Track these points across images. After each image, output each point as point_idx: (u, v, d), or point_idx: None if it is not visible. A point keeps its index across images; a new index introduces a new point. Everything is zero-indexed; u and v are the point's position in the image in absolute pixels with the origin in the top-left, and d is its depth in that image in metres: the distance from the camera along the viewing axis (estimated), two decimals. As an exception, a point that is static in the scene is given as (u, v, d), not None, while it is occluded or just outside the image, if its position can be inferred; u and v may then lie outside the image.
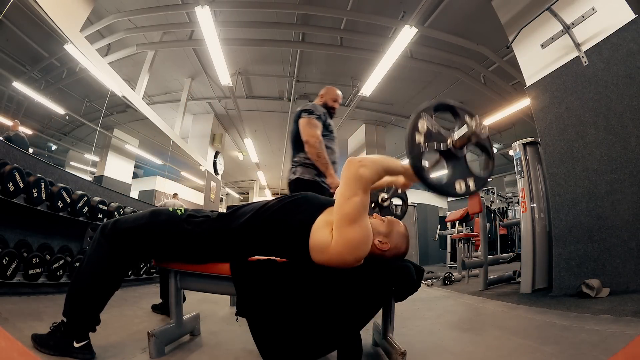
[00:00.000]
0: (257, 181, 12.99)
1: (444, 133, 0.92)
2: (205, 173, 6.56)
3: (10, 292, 1.74)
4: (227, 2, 3.85)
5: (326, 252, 0.92)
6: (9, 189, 1.73)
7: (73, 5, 2.76)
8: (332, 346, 0.97)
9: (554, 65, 2.49)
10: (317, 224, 0.95)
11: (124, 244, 1.03)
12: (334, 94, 2.17)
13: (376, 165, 0.92)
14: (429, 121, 0.89)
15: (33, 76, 3.81)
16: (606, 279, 1.99)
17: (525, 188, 2.67)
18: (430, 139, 0.89)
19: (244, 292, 1.00)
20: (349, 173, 0.91)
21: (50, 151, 4.76)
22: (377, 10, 3.87)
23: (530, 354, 1.19)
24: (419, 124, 0.88)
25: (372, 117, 6.79)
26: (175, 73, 5.61)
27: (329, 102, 2.14)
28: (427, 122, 0.88)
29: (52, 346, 0.96)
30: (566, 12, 2.42)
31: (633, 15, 2.03)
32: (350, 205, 0.89)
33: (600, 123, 2.14)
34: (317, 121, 1.97)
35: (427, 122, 0.88)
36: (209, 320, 1.67)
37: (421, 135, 0.87)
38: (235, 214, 1.06)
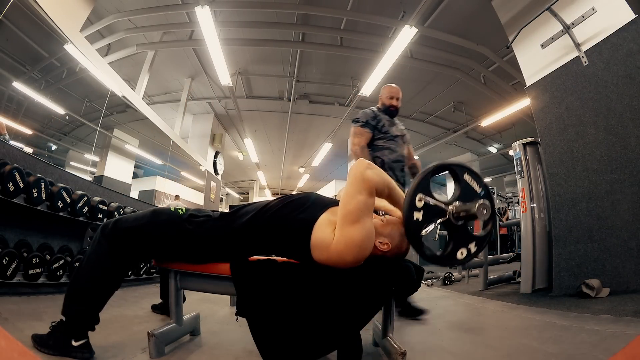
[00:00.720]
0: (257, 181, 13.00)
1: (443, 205, 0.90)
2: (205, 173, 6.56)
3: (10, 292, 1.74)
4: (227, 2, 3.85)
5: (326, 251, 0.92)
6: (9, 189, 1.73)
7: (73, 5, 2.76)
8: (332, 346, 0.97)
9: (554, 65, 2.49)
10: (320, 223, 0.95)
11: (124, 243, 1.03)
12: (387, 92, 2.16)
13: (383, 177, 0.93)
14: (428, 196, 0.88)
15: (33, 76, 3.81)
16: (606, 279, 1.99)
17: (525, 188, 2.67)
18: (430, 211, 0.87)
19: (244, 292, 1.00)
20: (356, 172, 0.92)
21: (50, 151, 4.76)
22: (377, 10, 3.87)
23: (530, 354, 1.19)
24: (417, 200, 0.86)
25: (372, 117, 6.78)
26: (175, 73, 5.61)
27: (385, 102, 2.15)
28: (425, 198, 0.87)
29: (51, 345, 0.96)
30: (566, 12, 2.42)
31: (633, 15, 2.03)
32: (354, 203, 0.89)
33: (600, 123, 2.14)
34: (362, 128, 2.07)
35: (425, 198, 0.87)
36: (209, 320, 1.67)
37: (420, 212, 0.86)
38: (237, 213, 1.07)
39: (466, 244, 0.92)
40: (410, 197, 0.87)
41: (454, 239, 0.92)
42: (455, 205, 0.91)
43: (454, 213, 0.90)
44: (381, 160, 2.02)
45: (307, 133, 7.96)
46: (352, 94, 5.64)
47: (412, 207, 0.86)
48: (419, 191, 0.87)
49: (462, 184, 0.94)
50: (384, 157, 2.02)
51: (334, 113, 6.54)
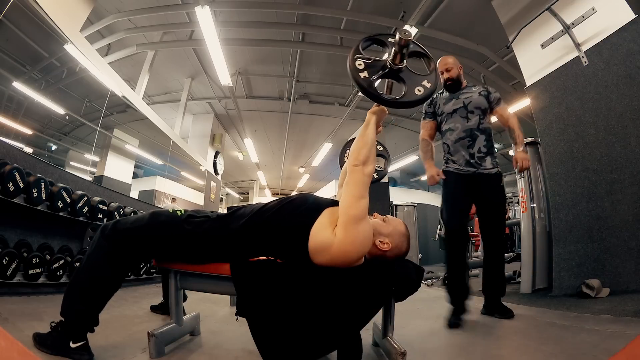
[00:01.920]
0: (257, 181, 12.99)
1: (381, 59, 1.02)
2: (205, 173, 6.56)
3: (10, 292, 1.74)
4: (227, 2, 3.85)
5: (328, 252, 0.92)
6: (9, 189, 1.72)
7: (73, 5, 2.76)
8: (332, 346, 0.97)
9: (554, 65, 2.49)
10: (317, 226, 0.95)
11: (124, 244, 1.03)
12: (439, 65, 1.92)
13: (372, 151, 1.02)
14: (364, 58, 1.00)
15: (33, 76, 3.81)
16: (606, 279, 1.99)
17: (525, 188, 2.67)
18: (372, 68, 0.99)
19: (244, 292, 1.00)
20: (359, 176, 0.97)
21: (50, 151, 4.76)
22: (377, 10, 3.87)
23: (530, 354, 1.19)
24: (357, 64, 0.98)
25: (372, 117, 6.78)
26: (175, 73, 5.61)
27: (441, 78, 1.93)
28: (363, 60, 0.99)
29: (49, 345, 0.96)
30: (566, 12, 2.42)
31: (633, 15, 2.04)
32: (360, 206, 0.94)
33: (600, 123, 2.14)
34: (423, 121, 2.01)
35: (363, 60, 0.99)
36: (209, 320, 1.67)
37: (364, 71, 0.98)
38: (235, 214, 1.07)
39: (420, 81, 1.03)
40: (350, 65, 0.98)
41: (405, 80, 1.03)
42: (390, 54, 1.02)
43: (390, 58, 1.01)
44: (447, 145, 1.89)
45: (307, 133, 7.96)
46: (352, 94, 5.64)
47: (356, 70, 0.97)
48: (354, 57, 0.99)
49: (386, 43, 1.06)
50: (447, 141, 1.88)
51: (334, 113, 6.54)
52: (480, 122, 1.81)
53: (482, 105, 1.82)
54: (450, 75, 1.89)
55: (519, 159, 1.73)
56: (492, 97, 1.87)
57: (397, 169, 9.21)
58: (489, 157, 1.82)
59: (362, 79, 0.97)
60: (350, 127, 7.09)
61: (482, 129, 1.82)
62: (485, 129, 1.82)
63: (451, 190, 1.85)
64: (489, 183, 1.80)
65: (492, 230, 1.81)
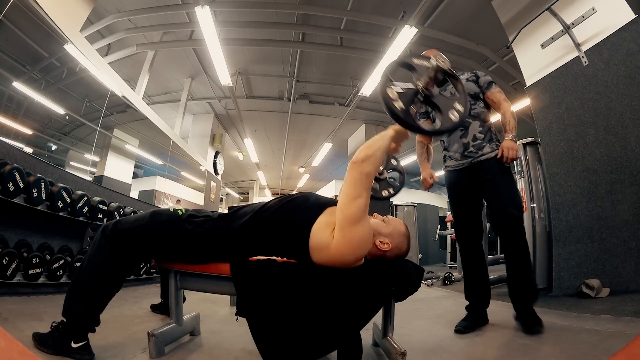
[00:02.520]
0: (257, 181, 12.99)
1: (412, 85, 1.00)
2: (205, 173, 6.56)
3: (10, 292, 1.74)
4: (227, 2, 3.85)
5: (326, 252, 0.92)
6: (9, 189, 1.73)
7: (73, 5, 2.76)
8: (332, 346, 0.97)
9: (554, 65, 2.49)
10: (318, 225, 0.95)
11: (125, 244, 1.03)
12: None
13: (375, 155, 0.96)
14: (397, 87, 0.96)
15: (33, 76, 3.81)
16: (606, 279, 1.99)
17: (525, 188, 2.67)
18: (406, 96, 0.96)
19: (244, 292, 1.00)
20: (355, 173, 0.93)
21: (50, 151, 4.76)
22: (377, 10, 3.87)
23: (530, 354, 1.19)
24: (390, 94, 0.94)
25: (372, 117, 6.79)
26: (175, 73, 5.61)
27: None
28: (395, 89, 0.95)
29: (50, 345, 0.96)
30: (566, 12, 2.42)
31: (633, 15, 2.03)
32: (355, 206, 0.90)
33: (600, 123, 2.14)
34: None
35: (395, 89, 0.95)
36: (209, 320, 1.67)
37: (398, 101, 0.94)
38: (236, 214, 1.07)
39: (451, 104, 1.00)
40: (383, 95, 0.94)
41: (439, 106, 1.00)
42: (423, 79, 1.00)
43: (424, 84, 0.98)
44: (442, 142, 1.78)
45: (307, 133, 7.96)
46: (352, 94, 5.64)
47: (390, 101, 0.94)
48: (386, 87, 0.95)
49: (417, 68, 1.03)
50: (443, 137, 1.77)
51: (334, 113, 6.54)
52: (471, 108, 1.67)
53: (470, 90, 1.70)
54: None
55: (505, 148, 1.52)
56: (481, 81, 1.74)
57: (397, 169, 9.18)
58: (488, 143, 1.64)
59: (399, 110, 0.93)
60: (350, 127, 7.09)
61: (474, 114, 1.67)
62: (478, 114, 1.67)
63: (451, 194, 1.75)
64: (490, 169, 1.59)
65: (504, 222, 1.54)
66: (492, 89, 1.72)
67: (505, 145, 1.53)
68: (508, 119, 1.61)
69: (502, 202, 1.54)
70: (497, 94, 1.71)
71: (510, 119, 1.61)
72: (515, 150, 1.53)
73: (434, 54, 1.79)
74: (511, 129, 1.59)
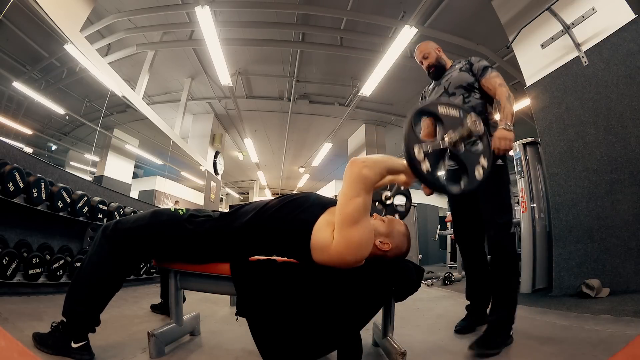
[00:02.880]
0: (257, 181, 12.99)
1: (440, 144, 0.94)
2: (205, 173, 6.56)
3: (10, 292, 1.74)
4: (227, 2, 3.85)
5: (326, 252, 0.92)
6: (9, 189, 1.73)
7: (73, 5, 2.76)
8: (332, 346, 0.97)
9: (554, 65, 2.49)
10: (319, 224, 0.95)
11: (125, 244, 1.03)
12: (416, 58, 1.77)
13: (378, 166, 0.92)
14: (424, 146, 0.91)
15: (33, 76, 3.81)
16: (606, 279, 1.99)
17: (525, 188, 2.67)
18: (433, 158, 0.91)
19: (244, 292, 1.00)
20: (352, 173, 0.91)
21: (50, 151, 4.76)
22: (377, 10, 3.87)
23: (530, 354, 1.19)
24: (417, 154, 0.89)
25: (372, 117, 6.79)
26: (175, 73, 5.61)
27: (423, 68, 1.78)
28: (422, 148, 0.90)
29: (50, 345, 0.96)
30: (566, 12, 2.42)
31: (633, 15, 2.04)
32: (353, 206, 0.89)
33: (600, 123, 2.14)
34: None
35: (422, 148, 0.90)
36: (209, 320, 1.67)
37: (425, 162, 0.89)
38: (237, 213, 1.07)
39: (477, 160, 0.96)
40: (409, 156, 0.89)
41: (465, 163, 0.95)
42: (450, 136, 0.94)
43: (452, 144, 0.93)
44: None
45: (307, 133, 7.96)
46: (352, 94, 5.64)
47: (416, 163, 0.89)
48: (412, 146, 0.90)
49: (442, 119, 0.97)
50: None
51: (334, 113, 6.54)
52: (465, 102, 1.55)
53: (463, 82, 1.57)
54: (429, 62, 1.71)
55: (496, 139, 1.34)
56: (476, 67, 1.58)
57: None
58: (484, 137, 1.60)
59: (426, 173, 0.88)
60: (350, 127, 7.09)
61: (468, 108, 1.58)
62: (473, 107, 1.53)
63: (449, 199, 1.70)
64: None
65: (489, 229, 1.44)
66: (487, 75, 1.56)
67: (497, 135, 1.35)
68: (503, 105, 1.45)
69: (487, 207, 1.45)
70: (492, 79, 1.54)
71: (506, 105, 1.44)
72: (508, 141, 1.34)
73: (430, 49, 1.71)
74: (505, 115, 1.40)
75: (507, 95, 1.46)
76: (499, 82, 1.53)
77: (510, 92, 1.48)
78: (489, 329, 1.30)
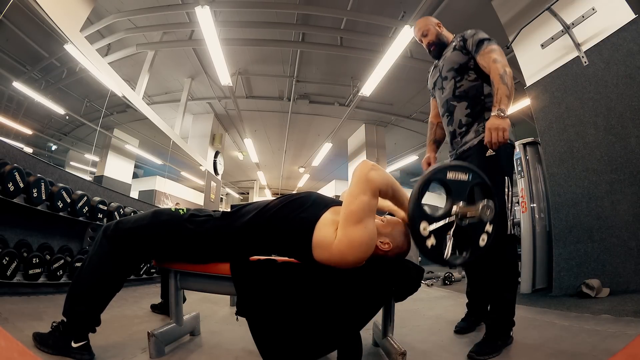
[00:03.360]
0: (257, 181, 12.99)
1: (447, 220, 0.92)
2: (205, 173, 6.56)
3: (10, 292, 1.74)
4: (227, 2, 3.85)
5: (328, 250, 0.92)
6: (9, 189, 1.73)
7: (73, 5, 2.76)
8: (332, 346, 0.97)
9: (554, 65, 2.49)
10: (322, 222, 0.95)
11: (126, 244, 1.03)
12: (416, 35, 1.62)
13: (387, 179, 0.93)
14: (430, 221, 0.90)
15: (33, 76, 3.81)
16: (606, 279, 1.99)
17: (525, 188, 2.67)
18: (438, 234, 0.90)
19: (244, 292, 1.00)
20: (360, 173, 0.92)
21: (50, 151, 4.76)
22: (377, 10, 3.87)
23: (531, 354, 1.19)
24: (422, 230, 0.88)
25: (372, 117, 6.79)
26: (175, 73, 5.61)
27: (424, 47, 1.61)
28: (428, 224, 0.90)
29: (50, 345, 0.96)
30: (566, 12, 2.42)
31: (633, 15, 2.03)
32: (358, 204, 0.89)
33: (600, 123, 2.14)
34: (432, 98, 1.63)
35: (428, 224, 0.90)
36: (209, 320, 1.67)
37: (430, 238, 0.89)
38: (239, 212, 1.07)
39: (481, 229, 0.94)
40: (414, 232, 0.89)
41: (470, 235, 0.94)
42: (460, 209, 0.92)
43: (459, 218, 0.92)
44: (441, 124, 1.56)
45: (307, 133, 7.96)
46: (352, 94, 5.64)
47: (422, 239, 0.88)
48: (418, 222, 0.88)
49: (450, 186, 0.95)
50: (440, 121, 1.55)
51: (334, 113, 6.54)
52: (457, 87, 1.38)
53: (455, 63, 1.39)
54: (429, 40, 1.54)
55: (488, 128, 1.17)
56: (469, 43, 1.37)
57: (397, 169, 9.20)
58: (474, 125, 1.34)
59: (429, 249, 0.87)
60: (350, 127, 7.08)
61: (460, 94, 1.38)
62: (464, 93, 1.37)
63: None
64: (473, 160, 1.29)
65: None
66: (482, 49, 1.32)
67: (488, 126, 1.17)
68: (496, 85, 1.22)
69: None
70: (486, 55, 1.30)
71: (499, 85, 1.20)
72: (503, 131, 1.14)
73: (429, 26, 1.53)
74: (498, 99, 1.19)
75: (502, 72, 1.23)
76: (494, 57, 1.29)
77: (506, 68, 1.24)
78: (488, 333, 1.26)
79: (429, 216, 0.91)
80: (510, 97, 1.20)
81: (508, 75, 1.22)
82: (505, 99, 1.18)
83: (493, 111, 1.18)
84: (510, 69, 1.25)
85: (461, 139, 1.38)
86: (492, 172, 1.20)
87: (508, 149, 1.30)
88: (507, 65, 1.26)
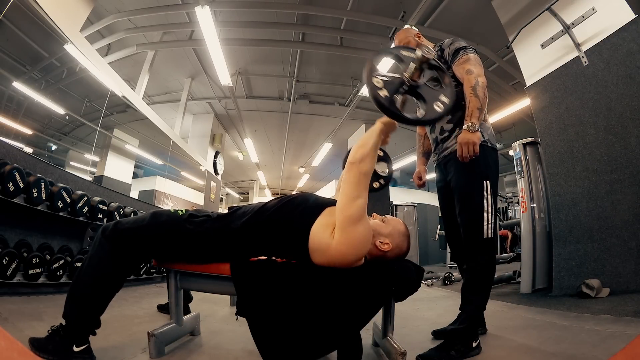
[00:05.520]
0: (257, 181, 12.99)
1: (399, 76, 0.98)
2: (205, 173, 6.56)
3: (10, 292, 1.74)
4: (227, 2, 3.85)
5: (326, 254, 0.92)
6: (9, 189, 1.72)
7: (73, 5, 2.76)
8: (332, 346, 0.97)
9: (554, 65, 2.49)
10: (317, 226, 0.95)
11: (125, 245, 1.03)
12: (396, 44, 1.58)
13: (370, 152, 0.96)
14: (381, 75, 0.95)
15: (33, 76, 3.80)
16: (606, 279, 1.99)
17: (525, 188, 2.67)
18: (391, 85, 0.95)
19: (244, 292, 1.00)
20: (354, 173, 0.94)
21: (50, 151, 4.76)
22: (377, 10, 3.87)
23: (530, 354, 1.19)
24: (375, 82, 0.93)
25: (372, 117, 6.79)
26: (175, 73, 5.61)
27: None
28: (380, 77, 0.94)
29: (51, 350, 0.94)
30: (566, 12, 2.42)
31: (633, 15, 2.04)
32: (356, 206, 0.91)
33: (600, 123, 2.14)
34: None
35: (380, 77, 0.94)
36: (209, 320, 1.67)
37: (382, 90, 0.93)
38: (236, 214, 1.07)
39: (437, 96, 0.98)
40: (368, 83, 0.94)
41: (423, 96, 0.98)
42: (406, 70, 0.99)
43: (410, 74, 0.97)
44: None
45: (307, 133, 7.96)
46: (352, 94, 5.64)
47: (375, 89, 0.93)
48: (372, 75, 0.94)
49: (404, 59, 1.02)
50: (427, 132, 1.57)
51: (334, 113, 6.54)
52: None
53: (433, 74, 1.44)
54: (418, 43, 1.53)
55: (459, 142, 1.18)
56: (446, 53, 1.39)
57: (397, 169, 9.22)
58: (456, 130, 1.34)
59: (382, 97, 0.92)
60: (350, 127, 7.09)
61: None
62: None
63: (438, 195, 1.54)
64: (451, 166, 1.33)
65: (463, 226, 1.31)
66: (457, 60, 1.32)
67: (459, 140, 1.19)
68: (468, 98, 1.21)
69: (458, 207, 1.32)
70: (460, 65, 1.30)
71: (470, 98, 1.20)
72: (473, 145, 1.15)
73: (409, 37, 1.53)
74: (470, 113, 1.19)
75: (474, 84, 1.22)
76: (467, 67, 1.27)
77: (479, 79, 1.24)
78: (445, 341, 1.21)
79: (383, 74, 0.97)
80: (483, 109, 1.22)
81: (481, 85, 1.23)
82: (476, 112, 1.19)
83: (464, 125, 1.20)
84: (484, 78, 1.26)
85: (443, 144, 1.41)
86: (471, 175, 1.26)
87: (487, 152, 1.30)
88: (481, 74, 1.27)
